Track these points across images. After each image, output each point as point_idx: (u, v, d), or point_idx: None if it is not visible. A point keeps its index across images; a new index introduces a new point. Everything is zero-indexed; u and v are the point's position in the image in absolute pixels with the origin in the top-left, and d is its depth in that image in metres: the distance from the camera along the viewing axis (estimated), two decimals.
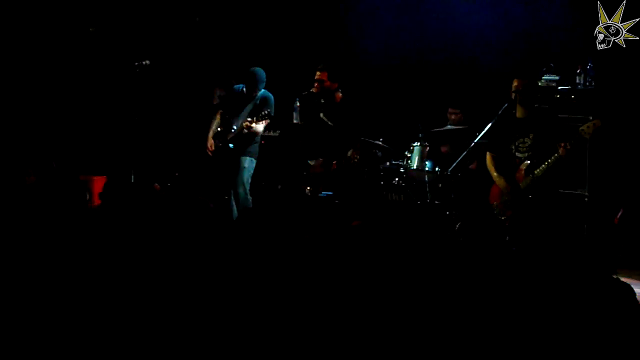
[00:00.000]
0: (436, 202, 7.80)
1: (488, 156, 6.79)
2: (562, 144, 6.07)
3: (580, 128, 6.06)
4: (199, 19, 9.35)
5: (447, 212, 7.79)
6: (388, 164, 8.10)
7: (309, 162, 7.75)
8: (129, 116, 7.67)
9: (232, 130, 7.48)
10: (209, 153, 7.56)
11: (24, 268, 5.22)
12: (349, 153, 7.84)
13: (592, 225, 6.49)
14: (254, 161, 7.56)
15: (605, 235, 6.56)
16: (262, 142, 8.32)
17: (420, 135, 8.01)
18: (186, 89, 7.70)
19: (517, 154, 6.51)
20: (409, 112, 8.92)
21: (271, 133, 8.54)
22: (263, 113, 7.32)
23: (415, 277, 5.29)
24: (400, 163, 8.05)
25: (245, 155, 7.50)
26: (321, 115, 7.77)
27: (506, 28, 8.71)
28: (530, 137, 6.45)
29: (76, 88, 8.90)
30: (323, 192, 7.74)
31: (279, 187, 8.17)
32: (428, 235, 7.50)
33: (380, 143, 8.02)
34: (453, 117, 8.46)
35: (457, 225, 7.74)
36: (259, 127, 7.39)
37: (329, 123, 7.73)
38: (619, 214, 6.96)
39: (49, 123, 8.73)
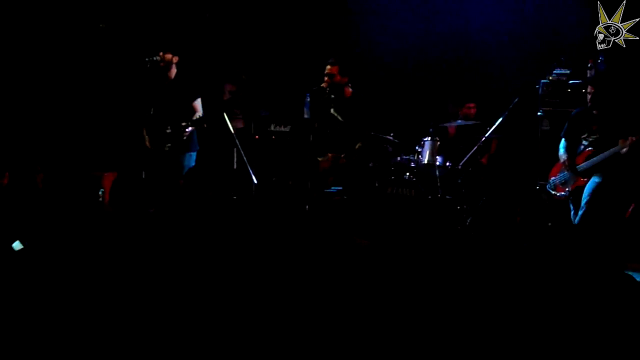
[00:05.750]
0: (447, 197, 7.80)
1: (565, 143, 6.96)
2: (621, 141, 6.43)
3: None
4: (209, 14, 9.35)
5: (458, 207, 7.80)
6: (399, 158, 8.09)
7: (318, 158, 7.73)
8: (138, 112, 7.68)
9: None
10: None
11: (35, 266, 5.26)
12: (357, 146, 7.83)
13: (602, 219, 6.47)
14: None
15: (615, 229, 6.55)
16: (273, 137, 8.34)
17: (430, 130, 8.01)
18: (197, 84, 7.70)
19: (584, 142, 6.77)
20: (419, 107, 8.92)
21: (282, 128, 8.56)
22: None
23: (425, 272, 5.29)
24: (411, 158, 8.05)
25: None
26: (332, 110, 7.76)
27: (518, 22, 8.69)
28: (598, 135, 6.67)
29: (86, 84, 8.93)
30: (333, 188, 7.73)
31: (290, 182, 8.17)
32: (439, 230, 7.50)
33: (391, 138, 8.01)
34: (472, 111, 8.54)
35: (468, 220, 7.74)
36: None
37: (339, 118, 7.73)
38: (631, 208, 6.95)
39: (58, 119, 8.76)
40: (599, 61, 7.48)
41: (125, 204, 7.92)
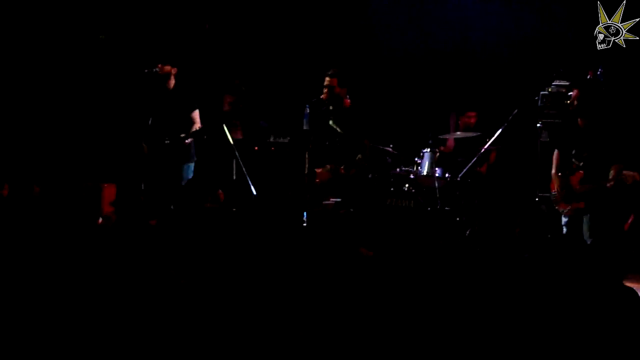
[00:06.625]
0: (446, 209, 7.79)
1: (555, 152, 6.80)
2: (611, 178, 6.23)
3: (624, 173, 6.22)
4: (208, 25, 9.36)
5: (458, 219, 7.79)
6: (398, 170, 8.09)
7: (317, 169, 7.72)
8: (137, 123, 7.70)
9: None
10: None
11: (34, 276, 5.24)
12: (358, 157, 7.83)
13: (600, 230, 6.45)
14: None
15: (614, 241, 6.53)
16: (272, 148, 8.33)
17: (430, 141, 8.02)
18: (196, 96, 7.72)
19: (574, 160, 6.57)
20: (418, 118, 8.94)
21: (281, 139, 8.55)
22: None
23: (424, 283, 5.29)
24: (410, 169, 8.05)
25: None
26: (330, 122, 7.76)
27: (516, 33, 8.71)
28: (589, 149, 6.49)
29: (85, 95, 8.93)
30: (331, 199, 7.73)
31: (289, 194, 8.16)
32: (438, 242, 7.50)
33: (390, 149, 8.02)
34: (472, 120, 8.55)
35: (468, 232, 7.74)
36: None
37: (338, 130, 7.73)
38: (630, 220, 6.94)
39: (57, 130, 8.76)
40: (599, 72, 7.49)
41: (127, 215, 7.90)
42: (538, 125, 7.75)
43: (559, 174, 6.63)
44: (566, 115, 6.83)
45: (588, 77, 7.51)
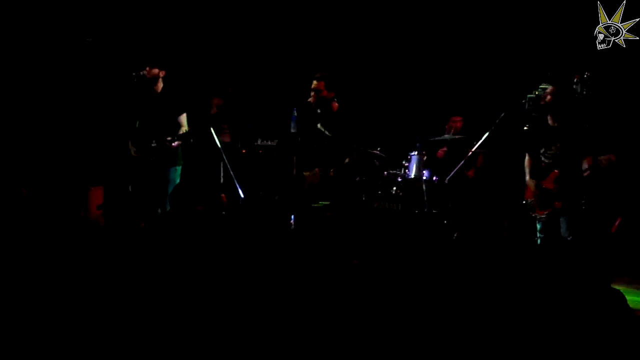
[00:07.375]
0: (434, 211, 7.80)
1: (527, 158, 6.94)
2: (586, 168, 6.34)
3: (599, 158, 6.26)
4: (195, 29, 9.36)
5: (445, 222, 7.81)
6: (386, 173, 8.10)
7: (304, 172, 7.72)
8: (124, 126, 7.67)
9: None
10: None
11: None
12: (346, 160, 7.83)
13: (588, 233, 6.49)
14: None
15: (602, 244, 6.57)
16: (260, 151, 8.32)
17: (417, 144, 8.03)
18: (183, 99, 7.70)
19: (543, 159, 6.73)
20: (406, 121, 8.95)
21: (269, 142, 8.55)
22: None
23: (412, 286, 5.28)
24: (398, 172, 8.06)
25: None
26: (318, 125, 7.76)
27: (505, 35, 8.74)
28: (557, 146, 6.61)
29: (73, 98, 8.89)
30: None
31: (276, 197, 8.15)
32: (425, 244, 7.50)
33: (378, 152, 8.03)
34: (458, 125, 8.55)
35: (455, 235, 7.76)
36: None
37: (326, 133, 7.73)
38: (617, 222, 6.97)
39: (44, 134, 8.72)
40: (585, 76, 7.51)
41: (115, 218, 7.88)
42: (525, 128, 7.77)
43: (533, 180, 6.72)
44: (540, 112, 6.92)
45: (575, 80, 7.54)
